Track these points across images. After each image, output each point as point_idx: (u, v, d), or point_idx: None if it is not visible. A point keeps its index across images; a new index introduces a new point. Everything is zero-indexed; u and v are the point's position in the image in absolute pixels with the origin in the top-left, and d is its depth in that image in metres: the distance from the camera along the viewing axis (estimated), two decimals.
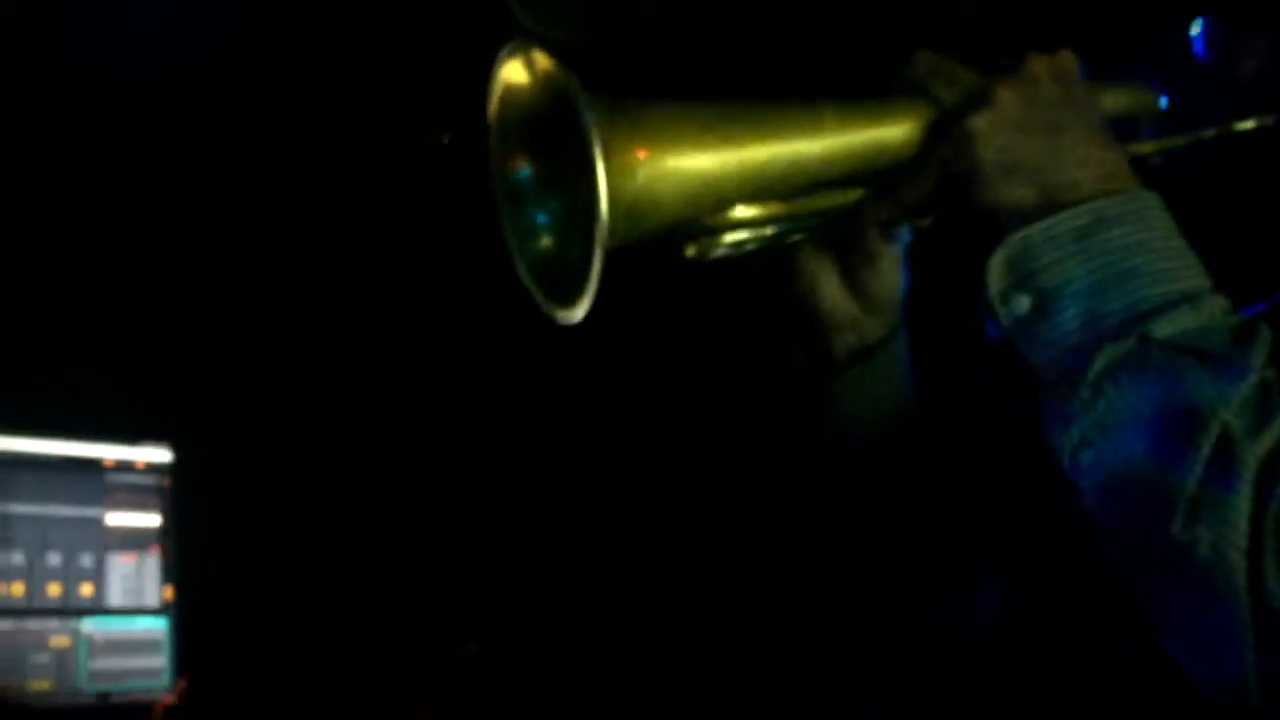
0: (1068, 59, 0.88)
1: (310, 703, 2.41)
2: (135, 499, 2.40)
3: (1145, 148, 1.01)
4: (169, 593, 2.36)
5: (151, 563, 2.37)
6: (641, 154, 0.78)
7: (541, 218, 0.83)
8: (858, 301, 0.94)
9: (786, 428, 1.02)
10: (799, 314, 0.95)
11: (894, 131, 0.87)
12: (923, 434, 0.97)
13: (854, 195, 0.89)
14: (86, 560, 2.32)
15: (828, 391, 0.96)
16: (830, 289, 0.94)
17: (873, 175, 0.88)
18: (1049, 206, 0.83)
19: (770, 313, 0.98)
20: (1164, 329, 0.78)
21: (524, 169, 0.83)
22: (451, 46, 2.30)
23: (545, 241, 0.83)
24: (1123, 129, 0.97)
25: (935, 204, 0.88)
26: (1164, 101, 1.04)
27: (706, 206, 0.83)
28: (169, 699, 2.28)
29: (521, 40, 0.80)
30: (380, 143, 2.42)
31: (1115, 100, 0.96)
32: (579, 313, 0.78)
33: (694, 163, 0.81)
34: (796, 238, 0.92)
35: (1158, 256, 0.81)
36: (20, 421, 2.32)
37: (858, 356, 0.95)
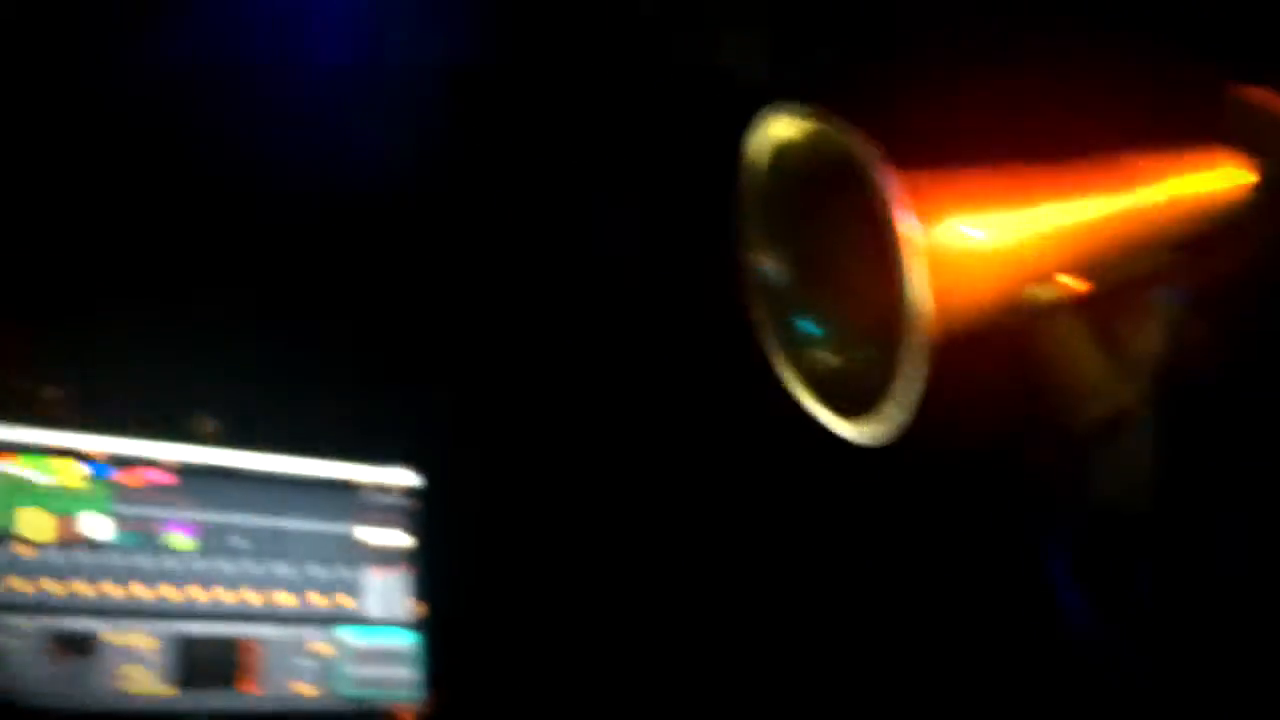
0: None
1: (554, 716, 2.52)
2: (388, 518, 2.57)
3: None
4: (420, 607, 2.51)
5: (404, 578, 2.53)
6: (949, 237, 0.67)
7: (807, 324, 0.71)
8: (1113, 365, 0.85)
9: (1029, 497, 0.95)
10: (1045, 376, 0.87)
11: (1219, 188, 0.78)
12: (1173, 510, 0.89)
13: (1166, 258, 0.81)
14: (346, 574, 2.49)
15: (1074, 460, 0.87)
16: (1084, 351, 0.85)
17: (1190, 238, 0.80)
18: None
19: (1015, 376, 0.92)
20: None
21: (785, 264, 0.72)
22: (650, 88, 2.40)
23: (828, 349, 0.71)
24: None
25: (1256, 270, 0.81)
26: None
27: (1022, 284, 0.73)
28: (420, 709, 2.42)
29: (778, 110, 0.70)
30: (622, 176, 2.52)
31: None
32: (888, 428, 0.67)
33: (1007, 240, 0.71)
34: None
35: None
36: (289, 444, 2.51)
37: (1110, 424, 0.86)
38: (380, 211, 2.61)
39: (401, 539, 2.56)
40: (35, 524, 2.16)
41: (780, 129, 0.71)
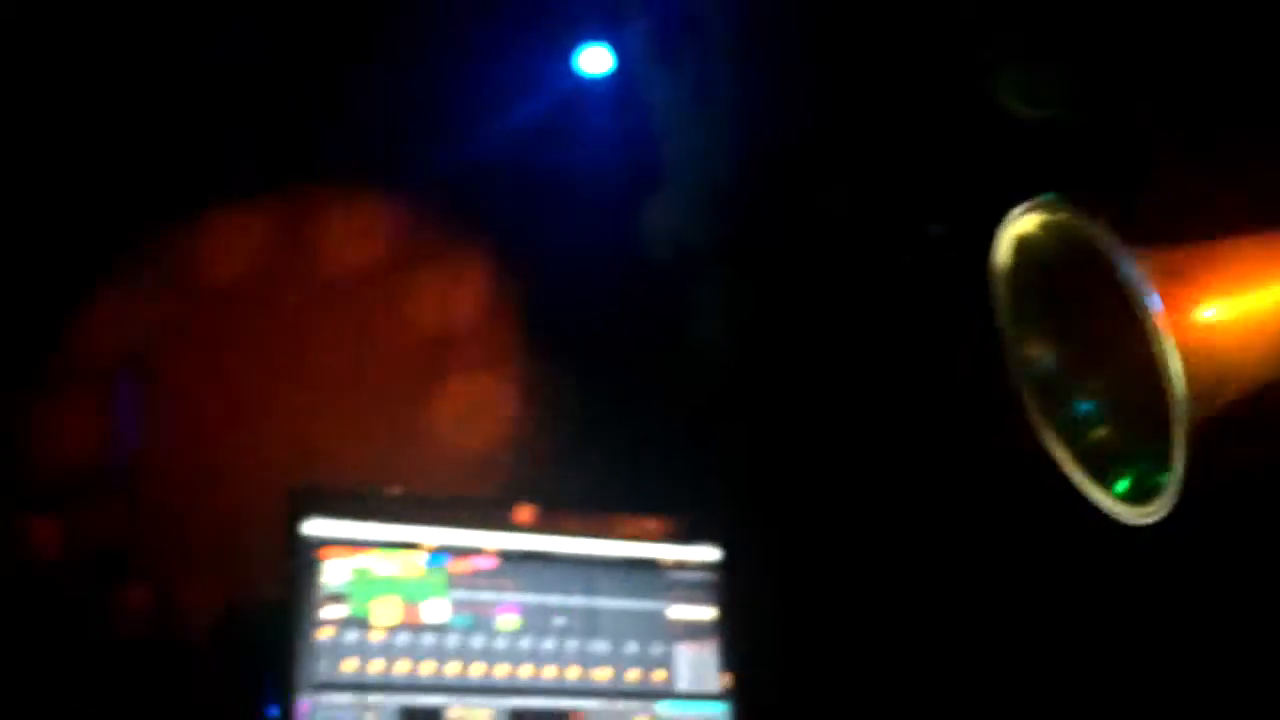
0: None
1: None
2: (694, 594, 2.68)
3: None
4: (728, 679, 2.60)
5: (712, 651, 2.63)
6: (1209, 318, 0.67)
7: (1084, 405, 0.74)
8: None
9: None
10: None
11: None
12: None
13: None
14: (657, 649, 2.61)
15: None
16: None
17: None
18: None
19: None
20: None
21: (1049, 353, 0.75)
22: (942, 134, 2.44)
23: (1099, 433, 0.73)
24: None
25: None
26: None
27: None
28: None
29: (1029, 211, 0.73)
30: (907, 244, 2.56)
31: None
32: (1159, 510, 0.70)
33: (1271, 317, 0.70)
34: None
35: None
36: (600, 529, 2.69)
37: None
38: (679, 313, 2.78)
39: (708, 613, 2.67)
40: (385, 611, 2.41)
41: (1023, 225, 0.75)
